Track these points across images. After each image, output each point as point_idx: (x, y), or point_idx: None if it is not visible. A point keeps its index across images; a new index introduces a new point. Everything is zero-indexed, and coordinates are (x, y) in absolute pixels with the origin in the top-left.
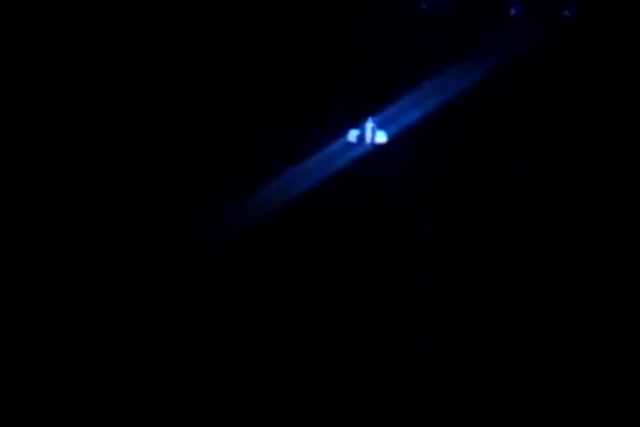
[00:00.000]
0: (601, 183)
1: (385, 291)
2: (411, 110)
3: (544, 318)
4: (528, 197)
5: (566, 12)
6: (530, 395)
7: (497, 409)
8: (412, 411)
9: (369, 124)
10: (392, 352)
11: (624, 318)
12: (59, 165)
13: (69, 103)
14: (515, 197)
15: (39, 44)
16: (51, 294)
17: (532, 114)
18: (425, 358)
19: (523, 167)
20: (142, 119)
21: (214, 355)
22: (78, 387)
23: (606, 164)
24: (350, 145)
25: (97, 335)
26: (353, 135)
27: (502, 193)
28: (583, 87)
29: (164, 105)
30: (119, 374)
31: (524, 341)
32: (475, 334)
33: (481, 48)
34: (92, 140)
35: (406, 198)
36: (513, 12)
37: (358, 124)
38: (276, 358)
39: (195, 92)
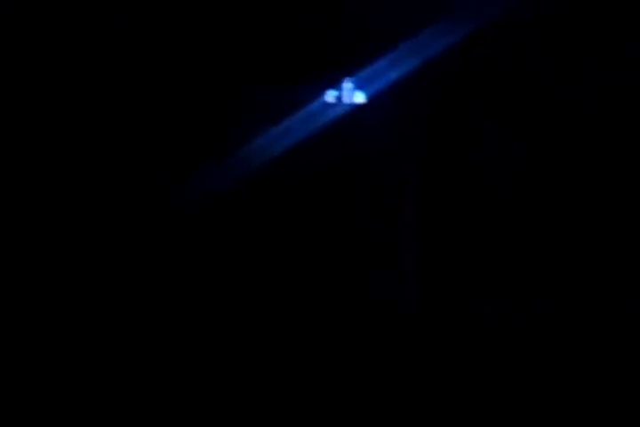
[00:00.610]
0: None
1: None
2: (389, 70)
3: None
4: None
5: None
6: (519, 385)
7: (484, 399)
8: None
9: (347, 85)
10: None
11: (620, 308)
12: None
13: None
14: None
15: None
16: (46, 285)
17: (517, 75)
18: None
19: (508, 134)
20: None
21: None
22: (75, 383)
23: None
24: (328, 105)
25: (96, 328)
26: (331, 95)
27: (486, 159)
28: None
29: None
30: (117, 371)
31: (513, 330)
32: (464, 322)
33: (463, 6)
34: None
35: (387, 160)
36: None
37: (336, 84)
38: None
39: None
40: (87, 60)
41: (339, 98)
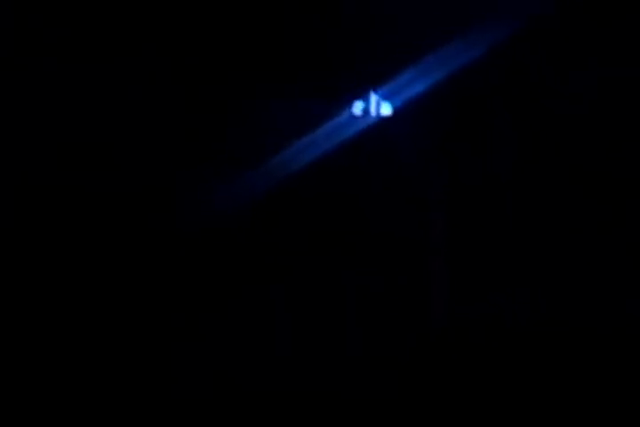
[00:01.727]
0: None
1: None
2: (415, 82)
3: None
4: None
5: None
6: (529, 381)
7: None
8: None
9: (373, 97)
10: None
11: (626, 307)
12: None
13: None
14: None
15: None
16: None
17: (541, 87)
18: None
19: (533, 145)
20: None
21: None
22: (75, 383)
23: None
24: (355, 117)
25: (96, 328)
26: (357, 108)
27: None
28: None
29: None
30: (117, 371)
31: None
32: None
33: (486, 19)
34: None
35: (413, 173)
36: None
37: (363, 96)
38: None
39: (193, 62)
40: (96, 62)
41: (365, 110)
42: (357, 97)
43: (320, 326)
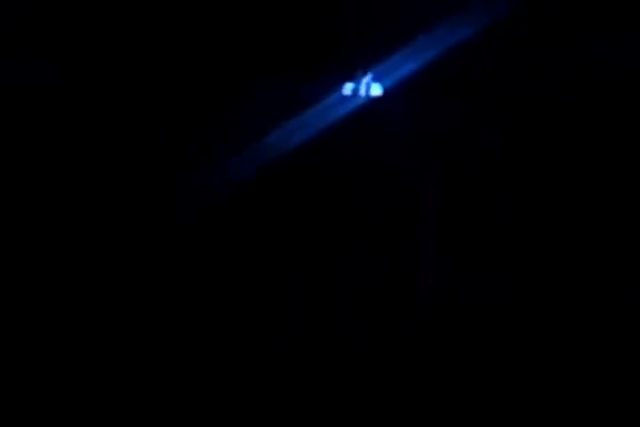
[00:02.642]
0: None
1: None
2: (405, 63)
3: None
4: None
5: None
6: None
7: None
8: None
9: (364, 77)
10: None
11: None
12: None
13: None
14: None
15: None
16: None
17: (531, 68)
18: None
19: (524, 127)
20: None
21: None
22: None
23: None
24: (345, 98)
25: (97, 328)
26: (348, 88)
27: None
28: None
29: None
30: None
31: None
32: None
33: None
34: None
35: (404, 152)
36: None
37: (353, 77)
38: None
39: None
40: (90, 51)
41: (356, 91)
42: (348, 78)
43: (315, 315)
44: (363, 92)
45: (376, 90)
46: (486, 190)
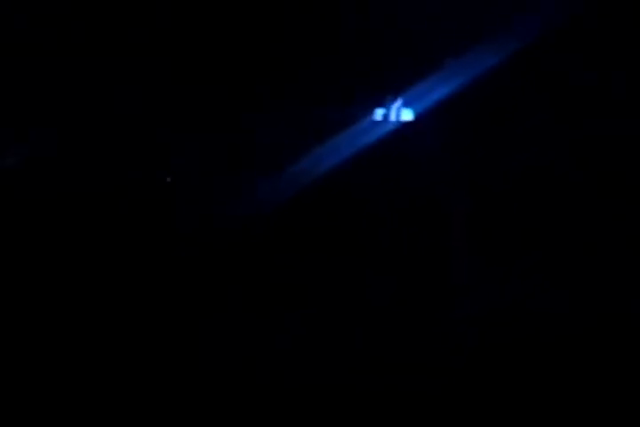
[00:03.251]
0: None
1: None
2: (436, 88)
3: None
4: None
5: None
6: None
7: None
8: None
9: (395, 103)
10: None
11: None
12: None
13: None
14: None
15: None
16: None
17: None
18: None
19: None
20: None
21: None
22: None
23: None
24: (376, 123)
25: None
26: (379, 114)
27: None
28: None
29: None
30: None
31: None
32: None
33: (510, 25)
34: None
35: (435, 177)
36: None
37: (384, 102)
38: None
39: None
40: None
41: (386, 116)
42: (379, 103)
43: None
44: (393, 117)
45: (407, 115)
46: (514, 216)
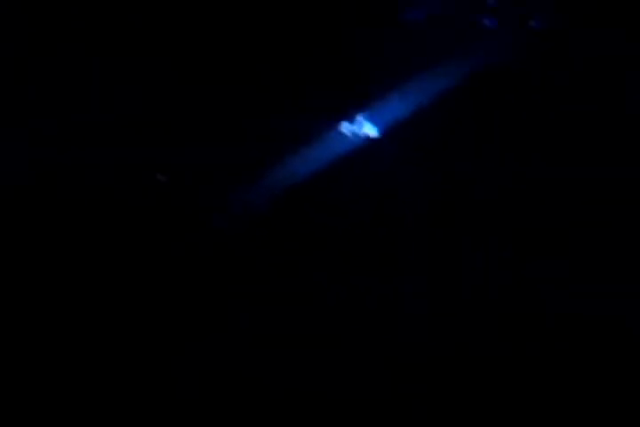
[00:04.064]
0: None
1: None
2: (403, 103)
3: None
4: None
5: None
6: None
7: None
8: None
9: (360, 117)
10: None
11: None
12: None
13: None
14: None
15: None
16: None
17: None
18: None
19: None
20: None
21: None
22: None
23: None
24: (341, 137)
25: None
26: (344, 128)
27: (498, 189)
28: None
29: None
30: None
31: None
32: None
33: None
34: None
35: (398, 192)
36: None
37: (350, 117)
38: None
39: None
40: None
41: (352, 130)
42: (345, 117)
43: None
44: (358, 131)
45: (372, 130)
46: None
